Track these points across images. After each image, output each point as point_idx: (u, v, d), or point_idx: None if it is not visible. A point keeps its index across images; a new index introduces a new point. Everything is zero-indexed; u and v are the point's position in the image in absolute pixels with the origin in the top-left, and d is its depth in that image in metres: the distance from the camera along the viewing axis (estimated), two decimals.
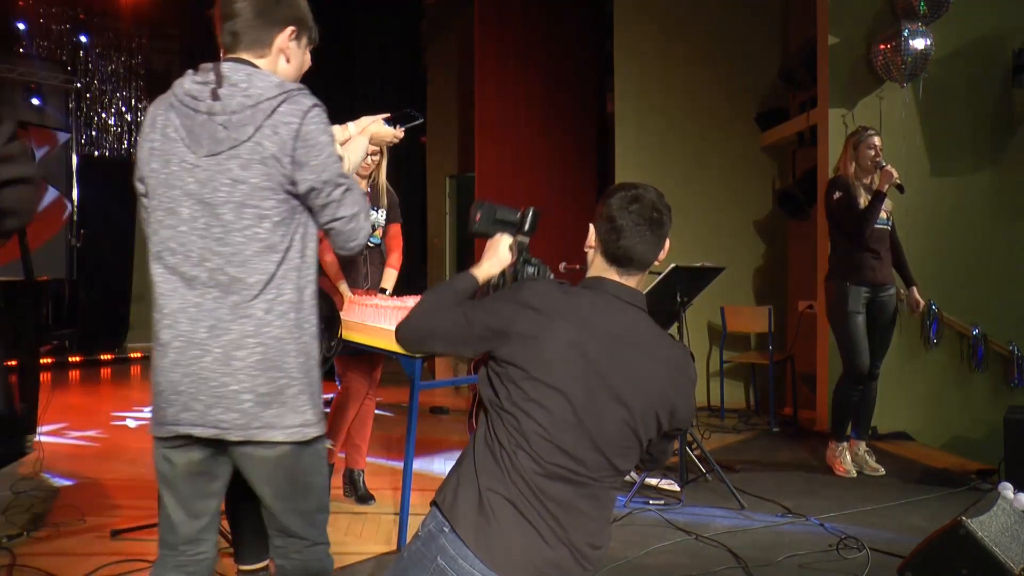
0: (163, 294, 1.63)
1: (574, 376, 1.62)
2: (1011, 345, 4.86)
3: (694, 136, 6.47)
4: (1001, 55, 5.06)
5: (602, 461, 1.64)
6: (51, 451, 4.54)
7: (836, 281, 4.20)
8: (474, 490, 1.63)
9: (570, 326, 1.63)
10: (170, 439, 1.66)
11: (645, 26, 6.45)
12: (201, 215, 1.60)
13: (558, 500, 1.62)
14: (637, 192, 1.71)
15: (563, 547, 1.63)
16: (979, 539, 2.49)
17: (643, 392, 1.65)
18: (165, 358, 1.63)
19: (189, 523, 1.74)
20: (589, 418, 1.62)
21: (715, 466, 3.88)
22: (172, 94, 1.66)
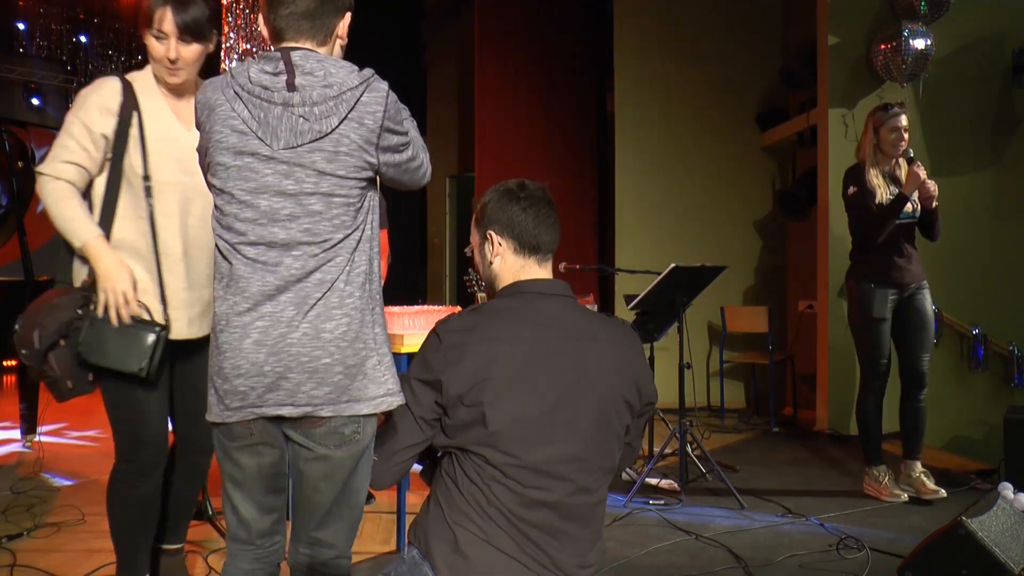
0: (247, 278, 1.59)
1: (529, 393, 1.57)
2: (1011, 345, 4.86)
3: (694, 136, 6.47)
4: (1001, 55, 5.06)
5: (585, 467, 1.61)
6: (51, 451, 4.54)
7: (858, 283, 3.76)
8: (448, 531, 1.59)
9: (505, 346, 1.59)
10: (239, 437, 1.63)
11: (645, 26, 6.45)
12: (283, 207, 1.57)
13: (542, 527, 1.58)
14: (517, 182, 1.74)
15: (549, 573, 1.59)
16: (979, 539, 2.49)
17: (601, 380, 1.62)
18: (246, 339, 1.57)
19: (262, 519, 1.71)
20: (559, 429, 1.58)
21: (715, 466, 3.88)
22: (233, 83, 1.59)
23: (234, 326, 1.58)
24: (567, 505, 1.60)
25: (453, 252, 8.75)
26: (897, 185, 3.71)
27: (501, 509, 1.57)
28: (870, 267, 3.73)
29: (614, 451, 1.68)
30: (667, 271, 3.83)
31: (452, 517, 1.60)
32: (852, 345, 5.18)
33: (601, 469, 1.65)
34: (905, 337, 3.75)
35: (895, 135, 3.68)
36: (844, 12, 5.28)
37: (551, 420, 1.59)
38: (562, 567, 1.61)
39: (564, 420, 1.59)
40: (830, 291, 5.27)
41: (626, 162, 6.40)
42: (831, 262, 5.27)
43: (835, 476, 4.22)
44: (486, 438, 1.57)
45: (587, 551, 1.66)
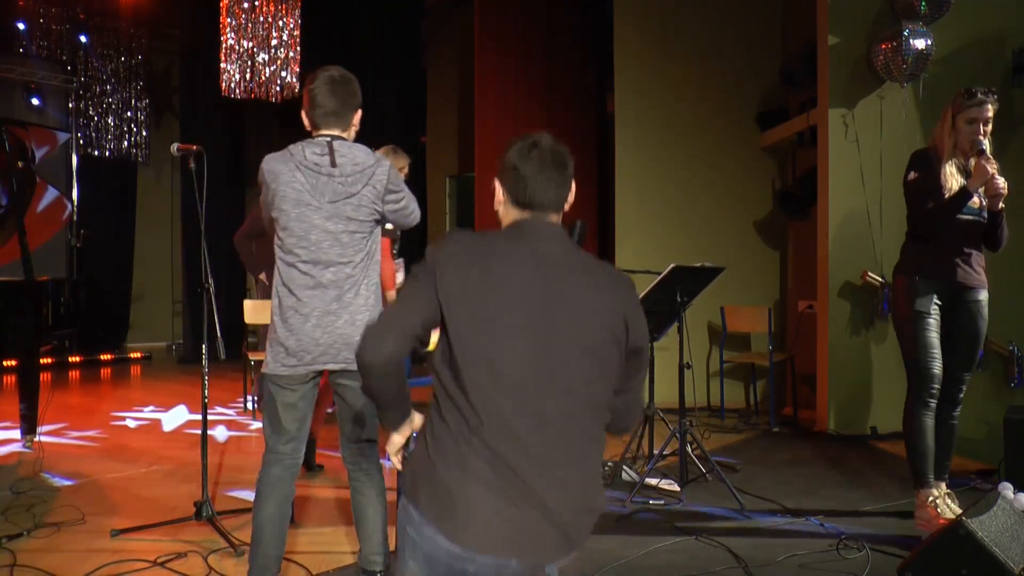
0: (301, 287, 2.46)
1: (512, 314, 1.61)
2: (1011, 345, 4.86)
3: (694, 136, 6.46)
4: (1001, 55, 5.06)
5: (569, 395, 1.61)
6: (51, 451, 4.55)
7: (904, 275, 3.39)
8: (429, 465, 1.61)
9: (497, 265, 1.63)
10: (298, 377, 2.47)
11: (645, 26, 6.45)
12: (325, 239, 2.46)
13: (530, 456, 1.58)
14: (534, 139, 1.73)
15: (534, 510, 1.58)
16: (979, 539, 2.49)
17: (587, 310, 1.64)
18: (307, 323, 2.44)
19: (297, 432, 2.55)
20: (541, 353, 1.60)
21: (715, 466, 3.88)
22: (294, 158, 2.45)
23: (300, 314, 2.45)
24: (550, 437, 1.59)
25: None
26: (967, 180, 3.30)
27: (487, 440, 1.57)
28: (922, 261, 3.34)
29: (600, 384, 1.66)
30: (667, 271, 3.83)
31: (433, 449, 1.61)
32: (852, 345, 5.23)
33: (587, 401, 1.64)
34: (948, 347, 3.35)
35: (972, 127, 3.25)
36: (844, 12, 5.28)
37: (534, 343, 1.60)
38: (548, 505, 1.59)
39: (547, 344, 1.60)
40: (830, 291, 5.27)
41: (626, 162, 6.40)
42: (831, 262, 5.27)
43: (835, 476, 4.22)
44: (466, 354, 1.59)
45: (578, 494, 1.63)
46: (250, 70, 7.00)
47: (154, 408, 6.21)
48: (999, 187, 3.16)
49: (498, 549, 1.57)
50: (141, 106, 9.69)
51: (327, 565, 2.92)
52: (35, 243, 4.76)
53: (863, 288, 5.23)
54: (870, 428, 5.15)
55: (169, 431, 5.44)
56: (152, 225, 10.05)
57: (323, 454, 4.40)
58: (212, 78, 7.49)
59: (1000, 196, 3.18)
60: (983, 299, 3.37)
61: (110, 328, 9.70)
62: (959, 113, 3.26)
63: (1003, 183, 3.17)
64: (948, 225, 3.23)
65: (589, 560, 2.96)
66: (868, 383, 5.22)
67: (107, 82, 9.38)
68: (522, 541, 1.58)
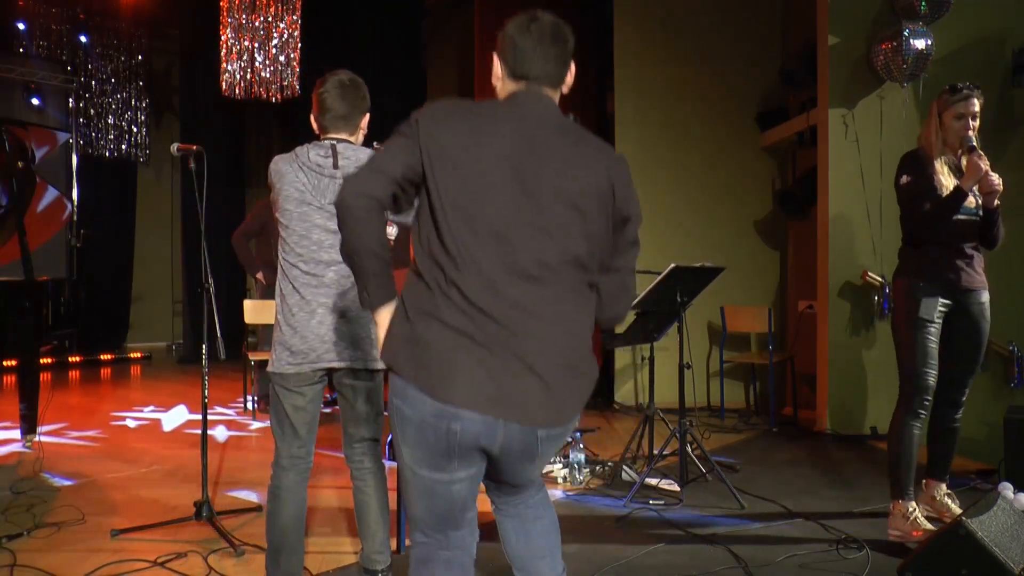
0: (304, 285, 2.46)
1: (505, 171, 1.59)
2: (1011, 345, 4.86)
3: (694, 136, 6.47)
4: (1001, 55, 5.06)
5: (546, 246, 1.59)
6: (51, 451, 4.55)
7: (906, 280, 3.26)
8: (407, 324, 1.59)
9: (489, 126, 1.62)
10: (305, 376, 2.47)
11: (645, 26, 6.45)
12: (327, 239, 2.46)
13: (508, 306, 1.56)
14: (535, 13, 1.72)
15: (515, 361, 1.55)
16: (979, 539, 2.49)
17: (574, 171, 1.62)
18: (311, 320, 2.44)
19: (308, 435, 2.55)
20: (530, 208, 1.58)
21: (715, 466, 3.88)
22: (298, 159, 2.47)
23: (304, 312, 2.45)
24: (531, 290, 1.58)
25: None
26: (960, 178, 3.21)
27: (465, 291, 1.55)
28: (922, 264, 3.23)
29: (583, 242, 1.63)
30: (667, 271, 3.83)
31: (410, 307, 1.60)
32: (852, 345, 5.24)
33: (569, 256, 1.61)
34: (951, 350, 3.25)
35: (960, 123, 3.16)
36: (844, 12, 5.28)
37: (517, 197, 1.59)
38: (528, 357, 1.56)
39: (530, 199, 1.59)
40: (830, 291, 5.27)
41: None
42: (831, 262, 5.27)
43: (835, 476, 4.22)
44: (446, 204, 1.58)
45: (560, 350, 1.60)
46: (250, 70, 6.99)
47: (154, 408, 6.21)
48: (994, 184, 3.08)
49: (480, 405, 1.54)
50: (141, 106, 9.69)
51: (329, 564, 2.92)
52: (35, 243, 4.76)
53: (863, 288, 5.23)
54: (870, 428, 5.15)
55: (169, 431, 5.44)
56: (152, 225, 10.06)
57: (325, 454, 4.40)
58: (212, 78, 7.49)
59: (995, 193, 3.11)
60: (986, 301, 3.30)
61: (110, 328, 9.70)
62: (946, 110, 3.20)
63: (997, 179, 3.09)
64: (945, 227, 3.15)
65: (589, 560, 2.96)
66: (868, 383, 5.22)
67: (107, 82, 9.38)
68: (504, 395, 1.55)
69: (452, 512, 1.71)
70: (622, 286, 1.77)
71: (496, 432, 1.57)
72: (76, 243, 9.05)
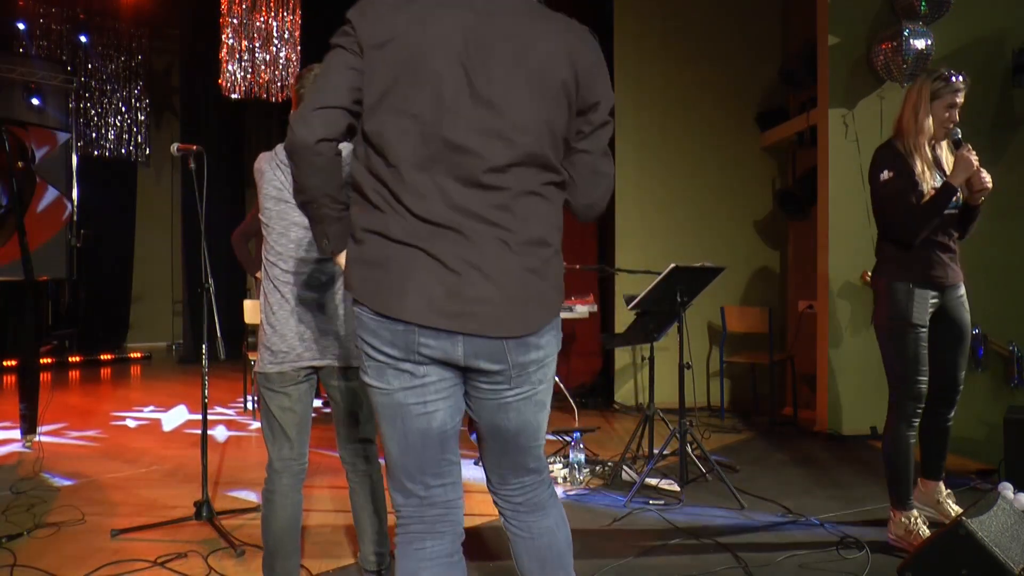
0: (284, 283, 2.43)
1: (452, 66, 1.47)
2: (1011, 345, 4.86)
3: (694, 136, 6.47)
4: (1001, 55, 5.06)
5: (509, 150, 1.48)
6: (51, 451, 4.55)
7: (892, 281, 3.07)
8: (355, 246, 1.53)
9: (433, 13, 1.49)
10: (288, 376, 2.43)
11: (645, 26, 6.45)
12: (306, 237, 2.43)
13: (464, 213, 1.47)
14: None
15: (471, 271, 1.47)
16: (979, 539, 2.49)
17: (533, 56, 1.49)
18: (291, 318, 2.42)
19: (298, 436, 2.51)
20: (476, 107, 1.47)
21: (715, 466, 3.88)
22: (276, 157, 2.44)
23: (284, 311, 2.42)
24: (479, 196, 1.48)
25: None
26: (940, 172, 3.07)
27: (404, 200, 1.47)
28: (908, 263, 3.06)
29: (539, 138, 1.51)
30: (667, 271, 3.83)
31: (359, 231, 1.53)
32: (852, 345, 5.23)
33: (521, 157, 1.50)
34: (941, 348, 3.12)
35: (950, 113, 3.00)
36: (844, 12, 5.28)
37: (464, 95, 1.47)
38: (483, 267, 1.48)
39: (480, 94, 1.47)
40: (830, 291, 5.27)
41: (626, 162, 6.39)
42: (831, 262, 5.27)
43: (835, 476, 4.22)
44: (389, 109, 1.47)
45: (518, 255, 1.51)
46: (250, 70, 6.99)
47: (154, 408, 6.21)
48: (985, 182, 2.95)
49: (436, 319, 1.48)
50: (141, 106, 9.69)
51: (327, 565, 2.92)
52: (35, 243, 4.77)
53: (863, 288, 5.22)
54: (870, 428, 5.15)
55: (169, 431, 5.44)
56: (152, 225, 10.06)
57: (322, 453, 4.40)
58: (212, 78, 7.49)
59: (986, 191, 2.97)
60: (964, 292, 3.16)
61: (110, 328, 9.71)
62: (938, 98, 3.00)
63: (987, 176, 2.96)
64: (933, 225, 2.98)
65: (589, 560, 2.96)
66: (868, 383, 5.22)
67: (107, 82, 9.38)
68: (460, 308, 1.48)
69: (428, 446, 1.62)
70: (593, 169, 1.64)
71: (456, 345, 1.51)
72: (76, 243, 9.06)
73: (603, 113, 1.60)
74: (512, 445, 1.68)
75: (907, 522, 3.07)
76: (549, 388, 1.69)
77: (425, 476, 1.64)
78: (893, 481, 3.11)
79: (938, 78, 3.01)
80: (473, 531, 3.24)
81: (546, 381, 1.66)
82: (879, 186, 3.07)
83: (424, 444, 1.61)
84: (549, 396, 1.70)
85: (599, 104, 1.59)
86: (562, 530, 1.77)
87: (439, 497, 1.67)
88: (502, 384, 1.58)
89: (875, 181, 3.09)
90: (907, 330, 3.02)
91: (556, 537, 1.75)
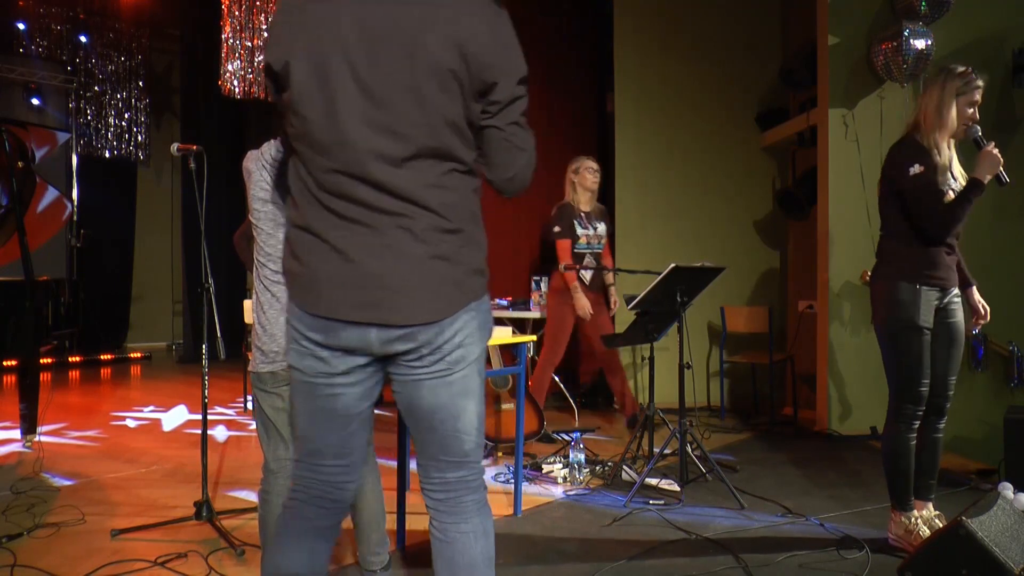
0: (274, 283, 2.41)
1: (338, 66, 1.49)
2: (1011, 345, 4.86)
3: (694, 136, 6.47)
4: (1001, 55, 5.06)
5: (402, 146, 1.50)
6: (51, 451, 4.55)
7: (897, 282, 3.01)
8: (287, 245, 1.63)
9: (320, 14, 1.52)
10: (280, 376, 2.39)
11: (645, 26, 6.45)
12: None
13: (366, 206, 1.51)
14: None
15: (376, 262, 1.52)
16: (979, 539, 2.49)
17: (416, 43, 1.47)
18: (281, 316, 2.36)
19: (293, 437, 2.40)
20: (365, 104, 1.49)
21: (715, 466, 3.88)
22: (263, 157, 2.43)
23: (274, 310, 2.41)
24: (378, 191, 1.51)
25: None
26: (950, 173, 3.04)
27: (318, 195, 1.54)
28: (914, 264, 3.00)
29: (433, 128, 1.51)
30: (667, 271, 3.83)
31: (289, 222, 1.63)
32: (852, 345, 5.23)
33: (416, 149, 1.51)
34: (936, 352, 3.07)
35: (972, 111, 2.98)
36: (844, 12, 5.28)
37: (353, 92, 1.50)
38: (387, 259, 1.52)
39: (367, 86, 1.49)
40: (830, 291, 5.28)
41: (626, 162, 6.40)
42: (831, 262, 5.27)
43: (835, 476, 4.22)
44: (292, 105, 1.55)
45: (424, 244, 1.52)
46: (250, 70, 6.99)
47: (154, 408, 6.21)
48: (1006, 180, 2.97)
49: (345, 312, 1.54)
50: (141, 106, 9.69)
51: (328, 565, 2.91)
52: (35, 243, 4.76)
53: (863, 288, 5.23)
54: (870, 428, 5.15)
55: (169, 431, 5.44)
56: (152, 225, 10.06)
57: None
58: (212, 78, 7.49)
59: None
60: (960, 295, 3.16)
61: (110, 328, 9.71)
62: (962, 95, 2.95)
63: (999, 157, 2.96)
64: (958, 228, 2.95)
65: (589, 560, 2.97)
66: (868, 383, 5.22)
67: (107, 82, 9.38)
68: (367, 299, 1.52)
69: (332, 425, 1.66)
70: (507, 145, 1.61)
71: (368, 334, 1.56)
72: (76, 243, 9.06)
73: (507, 89, 1.55)
74: (427, 428, 1.66)
75: (907, 522, 3.06)
76: (472, 377, 1.64)
77: (325, 453, 1.70)
78: (893, 482, 3.10)
79: (962, 74, 2.97)
80: None
81: (464, 366, 1.62)
82: (909, 180, 2.95)
83: (329, 422, 1.68)
84: (473, 386, 1.65)
85: (497, 84, 1.54)
86: (480, 542, 1.69)
87: (332, 476, 1.72)
88: (415, 362, 1.60)
89: (903, 176, 2.98)
90: (912, 332, 2.98)
91: (471, 547, 1.68)
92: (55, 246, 8.84)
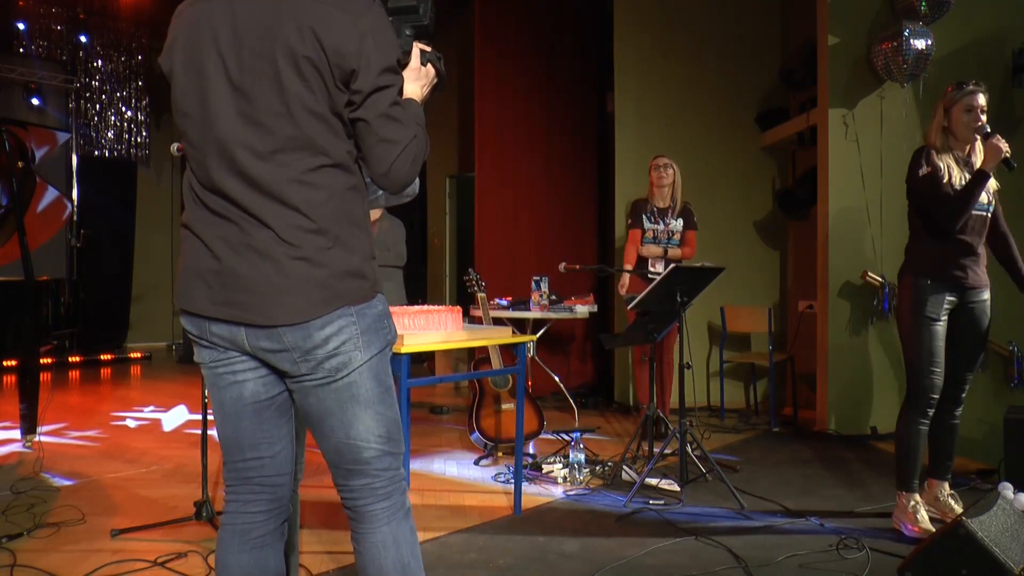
0: None
1: (212, 62, 1.53)
2: (1011, 345, 4.86)
3: (694, 136, 6.47)
4: (1001, 55, 5.06)
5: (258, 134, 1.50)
6: (51, 451, 4.55)
7: (913, 276, 3.29)
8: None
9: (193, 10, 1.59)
10: None
11: (645, 25, 6.45)
12: None
13: (233, 203, 1.52)
14: None
15: (241, 261, 1.52)
16: (979, 539, 2.49)
17: (273, 34, 1.48)
18: None
19: None
20: (233, 97, 1.51)
21: (715, 466, 3.88)
22: None
23: None
24: (244, 186, 1.51)
25: (453, 252, 8.76)
26: (971, 170, 3.26)
27: (195, 191, 1.59)
28: (930, 261, 3.27)
29: (300, 118, 1.50)
30: (667, 271, 3.83)
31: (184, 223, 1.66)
32: (852, 345, 5.24)
33: (281, 143, 1.50)
34: (953, 347, 3.31)
35: (970, 115, 3.22)
36: (844, 12, 5.28)
37: (224, 87, 1.52)
38: (251, 257, 1.52)
39: (236, 79, 1.51)
40: (830, 291, 5.28)
41: (626, 162, 6.40)
42: (831, 262, 5.28)
43: (835, 476, 4.22)
44: (175, 104, 1.61)
45: (290, 243, 1.50)
46: None
47: (154, 408, 6.21)
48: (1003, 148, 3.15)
49: (213, 310, 1.56)
50: (141, 106, 9.70)
51: (327, 565, 2.92)
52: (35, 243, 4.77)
53: (863, 288, 5.23)
54: (870, 428, 5.15)
55: (169, 431, 5.44)
56: (152, 225, 10.07)
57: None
58: None
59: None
60: (987, 298, 3.35)
61: (110, 328, 9.71)
62: (953, 105, 3.25)
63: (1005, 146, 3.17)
64: (969, 213, 3.16)
65: (589, 560, 2.97)
66: (868, 383, 5.23)
67: (107, 82, 9.38)
68: (232, 297, 1.53)
69: (243, 416, 1.66)
70: (376, 138, 1.54)
71: (238, 332, 1.57)
72: (76, 243, 9.06)
73: (370, 78, 1.51)
74: (320, 436, 1.65)
75: (907, 503, 3.27)
76: (361, 384, 1.59)
77: (242, 448, 1.70)
78: (900, 466, 3.31)
79: (952, 88, 3.28)
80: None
81: (347, 373, 1.58)
82: (917, 180, 3.26)
83: (239, 414, 1.66)
84: (364, 393, 1.60)
85: (357, 72, 1.50)
86: (391, 552, 1.63)
87: (254, 472, 1.70)
88: (291, 367, 1.58)
89: (913, 177, 3.29)
90: (922, 322, 3.24)
91: (379, 557, 1.63)
92: (55, 246, 8.84)
